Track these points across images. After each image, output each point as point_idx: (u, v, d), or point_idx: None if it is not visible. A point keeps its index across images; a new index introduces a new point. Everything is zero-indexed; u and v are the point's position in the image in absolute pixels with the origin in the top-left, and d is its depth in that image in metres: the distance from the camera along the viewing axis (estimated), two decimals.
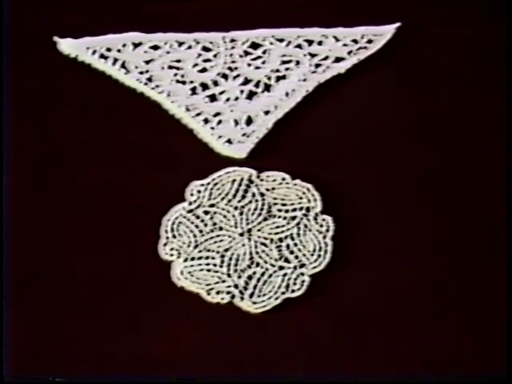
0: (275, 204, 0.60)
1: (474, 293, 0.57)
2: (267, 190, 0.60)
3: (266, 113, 0.64)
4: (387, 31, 0.67)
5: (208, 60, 0.66)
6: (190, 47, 0.67)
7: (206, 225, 0.59)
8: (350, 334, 0.56)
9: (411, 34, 0.67)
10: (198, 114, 0.64)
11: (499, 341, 0.55)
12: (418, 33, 0.67)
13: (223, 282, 0.57)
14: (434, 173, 0.62)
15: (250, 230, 0.59)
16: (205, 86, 0.65)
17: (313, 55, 0.67)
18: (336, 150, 0.63)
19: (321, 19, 0.68)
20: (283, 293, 0.57)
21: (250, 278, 0.58)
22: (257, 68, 0.66)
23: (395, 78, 0.66)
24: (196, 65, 0.66)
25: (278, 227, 0.59)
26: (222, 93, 0.65)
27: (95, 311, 0.57)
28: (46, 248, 0.59)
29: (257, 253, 0.58)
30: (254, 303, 0.57)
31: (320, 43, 0.67)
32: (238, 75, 0.66)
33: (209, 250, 0.58)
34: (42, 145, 0.63)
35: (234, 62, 0.66)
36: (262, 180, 0.61)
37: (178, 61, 0.66)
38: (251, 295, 0.57)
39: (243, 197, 0.60)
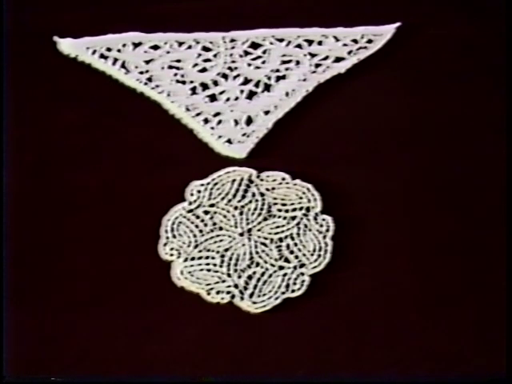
0: (275, 204, 0.60)
1: (474, 293, 0.57)
2: (267, 189, 0.60)
3: (266, 113, 0.64)
4: (387, 31, 0.67)
5: (208, 60, 0.67)
6: (190, 47, 0.67)
7: (206, 225, 0.59)
8: (350, 334, 0.56)
9: (411, 34, 0.67)
10: (198, 114, 0.64)
11: (499, 341, 0.55)
12: (418, 33, 0.67)
13: (223, 281, 0.57)
14: (434, 172, 0.62)
15: (250, 230, 0.59)
16: (205, 86, 0.65)
17: (313, 55, 0.67)
18: (336, 150, 0.63)
19: (321, 19, 0.68)
20: (283, 293, 0.57)
21: (250, 277, 0.58)
22: (257, 68, 0.66)
23: (395, 78, 0.66)
24: (196, 65, 0.66)
25: (278, 227, 0.59)
26: (222, 93, 0.65)
27: (95, 311, 0.57)
28: (46, 248, 0.59)
29: (257, 253, 0.58)
30: (254, 303, 0.57)
31: (320, 43, 0.67)
32: (238, 75, 0.66)
33: (209, 250, 0.58)
34: (41, 144, 0.63)
35: (233, 61, 0.66)
36: (262, 180, 0.61)
37: (178, 61, 0.66)
38: (251, 295, 0.57)
39: (243, 197, 0.60)
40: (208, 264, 0.58)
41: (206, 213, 0.60)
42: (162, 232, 0.59)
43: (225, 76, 0.66)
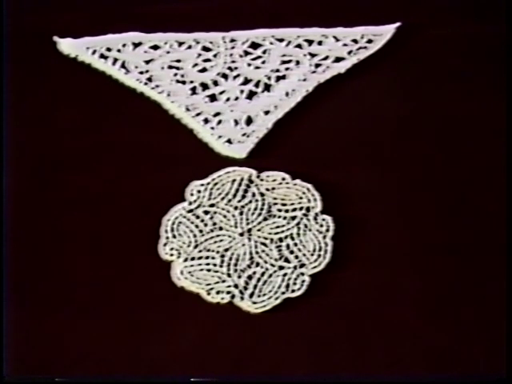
0: (275, 204, 0.60)
1: (474, 293, 0.57)
2: (267, 189, 0.60)
3: (266, 113, 0.64)
4: (387, 31, 0.67)
5: (208, 60, 0.66)
6: (189, 47, 0.67)
7: (206, 225, 0.59)
8: (349, 334, 0.56)
9: (411, 34, 0.67)
10: (198, 114, 0.64)
11: (499, 341, 0.55)
12: (418, 33, 0.67)
13: (223, 281, 0.57)
14: (434, 172, 0.62)
15: (250, 230, 0.59)
16: (205, 86, 0.65)
17: (313, 55, 0.67)
18: (336, 150, 0.63)
19: (321, 19, 0.68)
20: (283, 293, 0.57)
21: (250, 277, 0.58)
22: (257, 68, 0.66)
23: (395, 78, 0.66)
24: (196, 65, 0.66)
25: (278, 227, 0.59)
26: (222, 93, 0.65)
27: (95, 311, 0.57)
28: (46, 248, 0.59)
29: (257, 253, 0.58)
30: (254, 303, 0.57)
31: (320, 43, 0.67)
32: (238, 75, 0.66)
33: (209, 250, 0.58)
34: (41, 145, 0.63)
35: (233, 61, 0.66)
36: (262, 180, 0.61)
37: (178, 61, 0.66)
38: (251, 295, 0.57)
39: (243, 197, 0.60)
40: (208, 264, 0.58)
41: (206, 213, 0.60)
42: (162, 232, 0.59)
43: (225, 76, 0.66)
